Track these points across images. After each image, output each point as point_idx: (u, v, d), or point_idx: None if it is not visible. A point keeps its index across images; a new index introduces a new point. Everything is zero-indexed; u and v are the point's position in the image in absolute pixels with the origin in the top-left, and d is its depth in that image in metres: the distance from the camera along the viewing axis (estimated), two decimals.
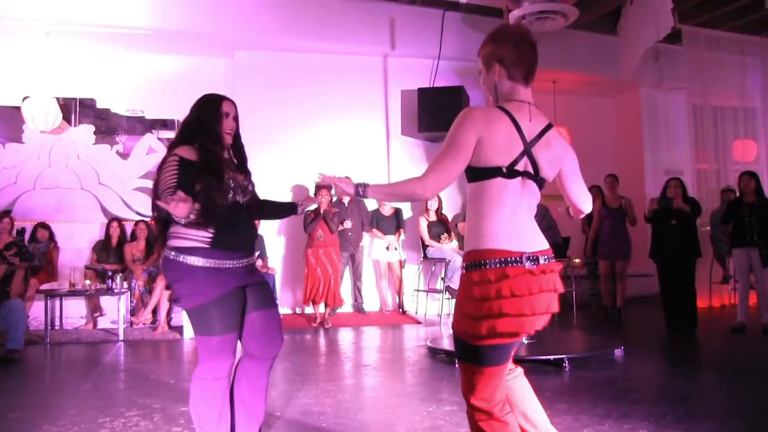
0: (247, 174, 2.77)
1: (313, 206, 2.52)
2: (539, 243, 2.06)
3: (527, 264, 1.96)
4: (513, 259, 1.96)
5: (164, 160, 2.56)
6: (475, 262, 2.00)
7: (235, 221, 2.60)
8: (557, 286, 2.05)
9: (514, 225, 2.00)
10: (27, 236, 7.61)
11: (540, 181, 2.09)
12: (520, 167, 2.02)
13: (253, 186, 2.77)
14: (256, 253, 2.76)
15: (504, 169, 1.99)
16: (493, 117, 2.02)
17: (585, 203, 2.30)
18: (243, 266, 2.63)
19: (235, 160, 2.77)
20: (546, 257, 2.03)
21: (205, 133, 2.60)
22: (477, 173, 2.03)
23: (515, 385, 2.23)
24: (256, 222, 2.95)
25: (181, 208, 2.28)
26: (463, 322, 2.04)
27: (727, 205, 7.08)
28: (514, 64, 2.07)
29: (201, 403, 2.57)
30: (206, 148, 2.57)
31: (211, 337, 2.52)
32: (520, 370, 2.27)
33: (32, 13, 6.98)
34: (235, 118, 2.73)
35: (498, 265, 1.96)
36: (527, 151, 2.02)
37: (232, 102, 2.74)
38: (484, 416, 2.06)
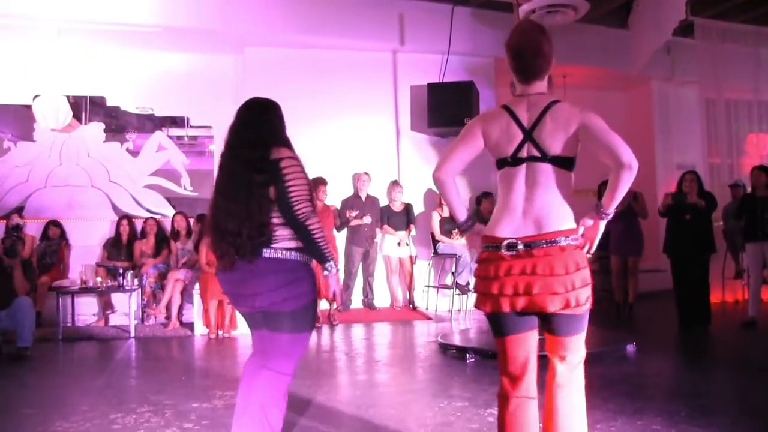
0: None
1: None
2: (536, 227, 2.14)
3: (504, 250, 2.15)
4: (494, 245, 2.19)
5: (282, 160, 2.59)
6: (483, 244, 2.28)
7: None
8: (542, 269, 2.08)
9: (509, 212, 2.20)
10: (39, 234, 7.66)
11: (554, 161, 2.16)
12: (523, 154, 2.20)
13: None
14: None
15: (509, 158, 2.22)
16: (489, 115, 2.33)
17: (618, 155, 2.16)
18: None
19: None
20: (531, 243, 2.11)
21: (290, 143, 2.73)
22: (496, 164, 2.30)
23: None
24: None
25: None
26: None
27: (740, 200, 7.01)
28: (511, 68, 2.31)
29: (270, 399, 2.56)
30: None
31: (307, 334, 2.61)
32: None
33: (43, 11, 7.00)
34: None
35: (486, 249, 2.23)
36: (528, 137, 2.19)
37: None
38: (501, 399, 2.25)
